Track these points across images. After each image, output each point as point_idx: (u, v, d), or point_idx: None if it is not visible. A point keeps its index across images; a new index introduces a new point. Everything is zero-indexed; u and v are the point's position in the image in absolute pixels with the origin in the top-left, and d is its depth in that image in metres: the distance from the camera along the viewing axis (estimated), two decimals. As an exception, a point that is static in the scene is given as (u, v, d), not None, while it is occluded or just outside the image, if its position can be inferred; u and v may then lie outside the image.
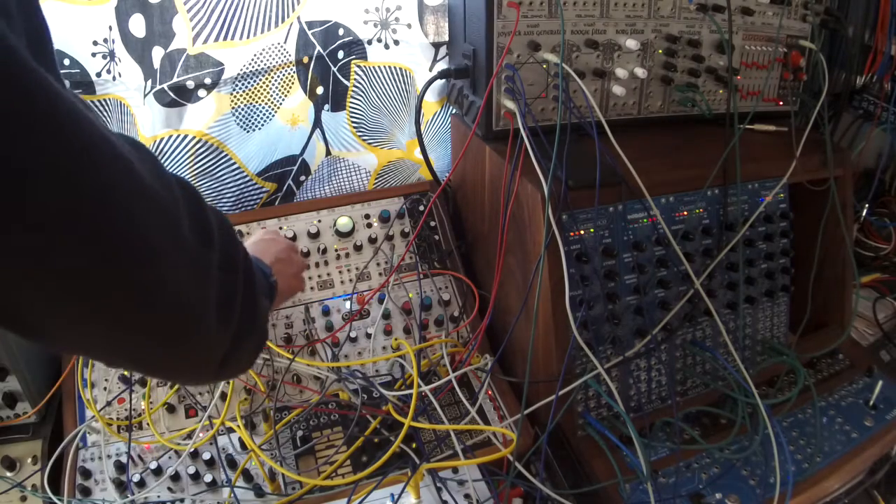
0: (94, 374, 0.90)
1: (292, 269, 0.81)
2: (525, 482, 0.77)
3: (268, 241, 0.81)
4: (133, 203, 0.36)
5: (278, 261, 0.76)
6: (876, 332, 1.13)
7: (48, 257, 0.33)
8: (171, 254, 0.40)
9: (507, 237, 0.90)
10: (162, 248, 0.39)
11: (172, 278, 0.40)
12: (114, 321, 0.39)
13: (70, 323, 0.38)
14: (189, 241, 0.42)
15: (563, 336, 0.81)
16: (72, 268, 0.34)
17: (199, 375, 0.54)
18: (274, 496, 0.79)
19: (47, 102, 0.31)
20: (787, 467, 0.77)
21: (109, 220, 0.35)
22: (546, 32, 0.90)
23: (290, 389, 0.93)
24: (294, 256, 0.83)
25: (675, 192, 0.90)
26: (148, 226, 0.38)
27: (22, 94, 0.30)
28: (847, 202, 1.06)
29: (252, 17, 0.99)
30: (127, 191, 0.36)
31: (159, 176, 0.41)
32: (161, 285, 0.39)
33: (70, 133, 0.32)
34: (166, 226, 0.40)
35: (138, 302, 0.39)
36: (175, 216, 0.41)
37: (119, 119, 1.02)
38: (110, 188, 0.35)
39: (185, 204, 0.43)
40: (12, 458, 0.85)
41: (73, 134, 0.33)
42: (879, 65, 1.23)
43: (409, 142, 1.20)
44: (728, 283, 0.95)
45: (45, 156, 0.31)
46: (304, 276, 0.89)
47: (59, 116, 0.32)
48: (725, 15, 0.99)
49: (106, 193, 0.34)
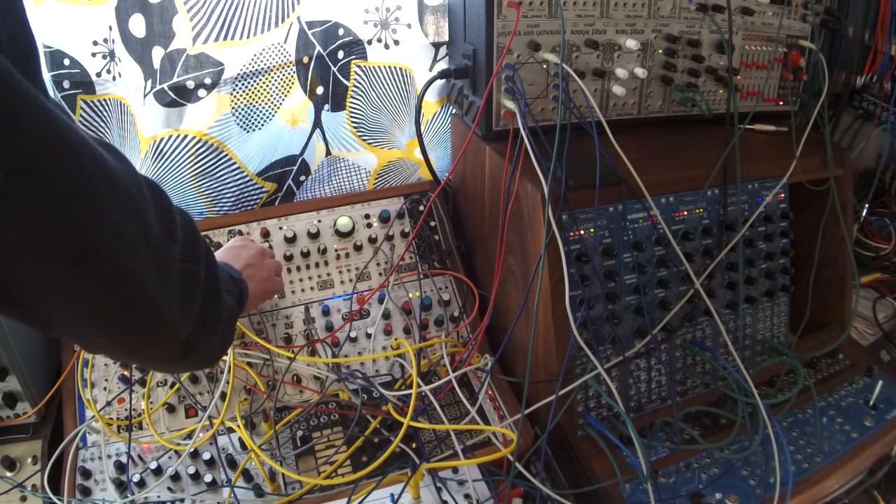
0: (94, 374, 0.90)
1: (263, 273, 0.86)
2: (525, 482, 0.77)
3: (238, 248, 0.87)
4: (108, 200, 0.42)
5: (249, 266, 0.82)
6: (876, 332, 1.13)
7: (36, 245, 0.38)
8: (139, 245, 0.45)
9: (507, 237, 0.90)
10: (131, 239, 0.44)
11: (139, 266, 0.46)
12: (89, 302, 0.45)
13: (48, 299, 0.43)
14: (156, 234, 0.48)
15: (563, 336, 0.81)
16: (52, 254, 0.40)
17: (164, 358, 0.59)
18: (274, 496, 0.80)
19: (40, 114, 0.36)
20: (787, 467, 0.77)
21: (87, 215, 0.40)
22: (546, 32, 0.90)
23: (290, 389, 0.93)
24: (265, 261, 0.88)
25: (675, 192, 0.90)
26: (119, 220, 0.43)
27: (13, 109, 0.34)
28: (847, 202, 1.06)
29: (252, 17, 0.99)
30: (103, 189, 0.42)
31: (131, 176, 0.46)
32: (128, 272, 0.45)
33: (55, 141, 0.38)
34: (136, 221, 0.45)
35: (109, 285, 0.45)
36: (144, 212, 0.47)
37: (119, 119, 1.02)
38: (89, 187, 0.40)
39: (153, 202, 0.49)
40: (12, 458, 0.85)
41: (59, 141, 0.38)
42: (879, 65, 1.23)
43: (409, 142, 1.20)
44: (728, 283, 0.95)
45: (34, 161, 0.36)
46: (279, 278, 0.93)
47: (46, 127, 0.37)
48: (725, 15, 0.99)
49: (85, 192, 0.40)
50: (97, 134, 1.03)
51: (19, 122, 0.35)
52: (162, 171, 1.04)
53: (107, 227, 0.42)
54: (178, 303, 0.51)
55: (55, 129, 0.37)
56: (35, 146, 0.36)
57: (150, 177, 1.03)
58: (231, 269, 0.76)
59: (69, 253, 0.40)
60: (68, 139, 0.39)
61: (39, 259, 0.39)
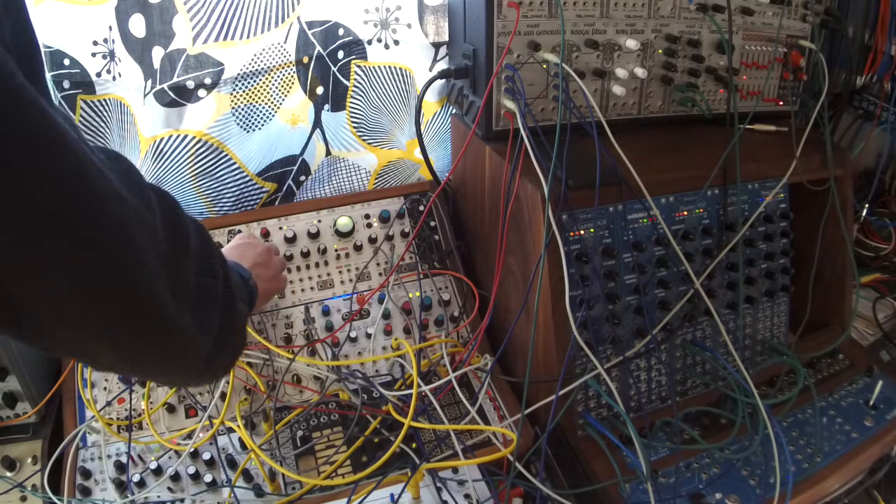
0: (94, 374, 0.90)
1: (270, 272, 0.84)
2: (525, 482, 0.77)
3: (244, 246, 0.85)
4: (114, 209, 0.39)
5: (256, 265, 0.80)
6: (876, 332, 1.13)
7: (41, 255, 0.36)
8: (147, 258, 0.42)
9: (507, 237, 0.90)
10: (139, 250, 0.41)
11: (149, 277, 0.42)
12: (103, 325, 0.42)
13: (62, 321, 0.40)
14: (164, 248, 0.44)
15: (563, 336, 0.81)
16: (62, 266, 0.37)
17: (187, 377, 0.57)
18: (274, 496, 0.80)
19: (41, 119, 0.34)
20: (787, 467, 0.77)
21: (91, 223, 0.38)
22: (546, 32, 0.90)
23: (290, 389, 0.93)
24: (272, 259, 0.87)
25: (675, 192, 0.90)
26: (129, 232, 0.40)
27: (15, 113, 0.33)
28: (847, 202, 1.06)
29: (252, 17, 0.99)
30: (109, 198, 0.39)
31: (137, 185, 0.44)
32: (136, 283, 0.42)
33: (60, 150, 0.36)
34: (144, 232, 0.42)
35: (121, 307, 0.42)
36: (150, 225, 0.43)
37: (119, 119, 1.02)
38: (95, 196, 0.38)
39: (161, 213, 0.45)
40: (12, 458, 0.85)
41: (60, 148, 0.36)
42: (879, 65, 1.23)
43: (409, 142, 1.20)
44: (728, 283, 0.95)
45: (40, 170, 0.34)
46: (284, 276, 0.92)
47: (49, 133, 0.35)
48: (725, 15, 0.99)
49: (92, 200, 0.38)
50: (97, 134, 1.03)
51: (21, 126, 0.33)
52: (162, 171, 1.04)
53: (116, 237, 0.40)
54: (194, 317, 0.48)
55: (57, 135, 0.35)
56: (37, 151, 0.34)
57: (150, 177, 1.03)
58: (241, 270, 0.75)
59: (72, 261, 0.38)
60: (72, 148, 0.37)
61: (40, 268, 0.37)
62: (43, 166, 0.34)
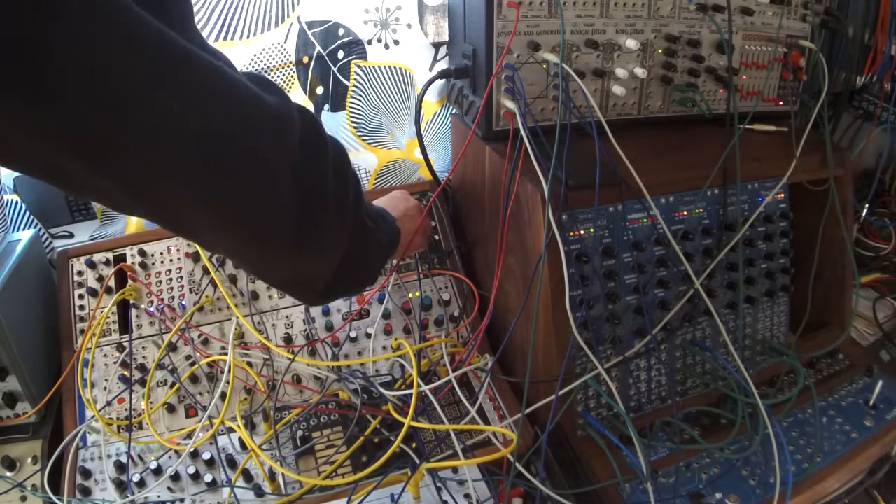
0: (94, 374, 0.90)
1: (415, 226, 0.90)
2: (525, 482, 0.77)
3: (398, 199, 0.92)
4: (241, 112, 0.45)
5: (405, 216, 0.87)
6: (876, 332, 1.13)
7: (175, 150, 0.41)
8: (280, 157, 0.48)
9: (507, 237, 0.90)
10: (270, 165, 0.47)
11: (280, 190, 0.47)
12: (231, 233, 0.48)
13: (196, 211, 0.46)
14: (296, 147, 0.49)
15: (563, 336, 0.81)
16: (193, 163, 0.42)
17: (315, 281, 0.61)
18: (274, 496, 0.79)
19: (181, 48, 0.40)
20: (787, 467, 0.77)
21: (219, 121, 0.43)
22: (546, 32, 0.90)
23: (290, 389, 0.93)
24: (419, 217, 0.92)
25: (675, 192, 0.90)
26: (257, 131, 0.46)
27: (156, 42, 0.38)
28: (847, 202, 1.06)
29: (252, 17, 0.99)
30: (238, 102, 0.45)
31: (280, 97, 0.50)
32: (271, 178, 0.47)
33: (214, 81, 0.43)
34: (275, 131, 0.48)
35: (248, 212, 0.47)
36: (289, 127, 0.49)
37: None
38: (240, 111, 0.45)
39: (301, 123, 0.51)
40: (12, 458, 0.85)
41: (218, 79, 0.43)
42: (879, 65, 1.23)
43: (409, 142, 1.20)
44: (728, 283, 0.95)
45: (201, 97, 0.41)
46: (423, 239, 0.98)
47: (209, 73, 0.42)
48: (725, 15, 0.99)
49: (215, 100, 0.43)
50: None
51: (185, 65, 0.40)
52: (162, 170, 1.04)
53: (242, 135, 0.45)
54: (335, 212, 0.53)
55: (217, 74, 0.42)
56: (198, 85, 0.41)
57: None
58: (386, 214, 0.81)
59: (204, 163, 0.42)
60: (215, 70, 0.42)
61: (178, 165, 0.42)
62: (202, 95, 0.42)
